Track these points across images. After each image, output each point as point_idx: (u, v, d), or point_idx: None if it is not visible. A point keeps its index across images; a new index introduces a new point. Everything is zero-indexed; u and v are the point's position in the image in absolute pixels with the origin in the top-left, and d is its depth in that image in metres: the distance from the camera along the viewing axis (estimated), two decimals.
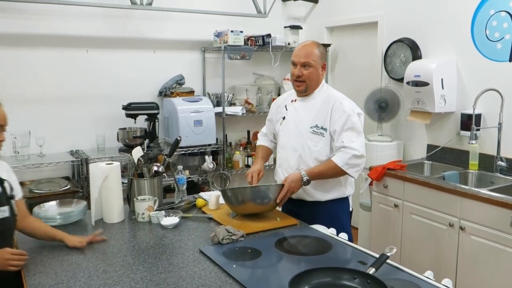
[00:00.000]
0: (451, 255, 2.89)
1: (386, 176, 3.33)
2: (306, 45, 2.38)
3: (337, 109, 2.30)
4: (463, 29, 3.35)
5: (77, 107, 3.88)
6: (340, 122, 2.28)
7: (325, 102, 2.35)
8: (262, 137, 2.73)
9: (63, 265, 1.74)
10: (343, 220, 2.40)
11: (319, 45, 2.39)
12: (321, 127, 2.32)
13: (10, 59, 3.62)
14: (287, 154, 2.42)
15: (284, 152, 2.44)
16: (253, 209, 2.23)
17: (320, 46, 2.39)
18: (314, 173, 2.28)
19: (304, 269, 1.55)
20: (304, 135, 2.35)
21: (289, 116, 2.44)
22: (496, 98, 3.10)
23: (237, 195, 2.23)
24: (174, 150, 2.60)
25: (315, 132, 2.33)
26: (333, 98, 2.34)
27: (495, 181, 3.09)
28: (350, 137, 2.26)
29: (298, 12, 4.88)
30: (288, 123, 2.44)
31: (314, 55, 2.32)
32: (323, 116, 2.32)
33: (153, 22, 4.14)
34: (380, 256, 1.64)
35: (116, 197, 2.23)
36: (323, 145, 2.32)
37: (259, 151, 2.66)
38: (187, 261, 1.78)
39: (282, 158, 2.46)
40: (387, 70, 3.95)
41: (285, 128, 2.45)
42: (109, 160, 3.15)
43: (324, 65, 2.39)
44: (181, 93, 4.15)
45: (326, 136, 2.32)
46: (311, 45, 2.36)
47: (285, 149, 2.44)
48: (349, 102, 2.35)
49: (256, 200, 2.20)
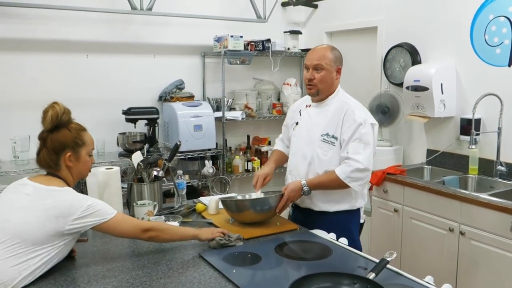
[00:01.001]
0: (451, 260, 2.88)
1: (386, 180, 3.33)
2: (319, 48, 2.33)
3: (349, 118, 2.23)
4: (462, 34, 3.36)
5: (77, 112, 3.76)
6: (349, 131, 2.21)
7: (338, 110, 2.28)
8: (279, 142, 2.69)
9: (62, 270, 1.73)
10: (352, 232, 2.33)
11: (333, 48, 2.34)
12: (332, 136, 2.26)
13: (10, 64, 3.62)
14: (297, 162, 2.38)
15: (295, 159, 2.41)
16: (252, 218, 2.22)
17: (335, 50, 2.33)
18: (315, 183, 2.24)
19: (304, 274, 1.55)
20: (315, 143, 2.30)
21: (302, 121, 2.40)
22: (495, 103, 3.11)
23: (237, 204, 2.26)
24: (174, 155, 2.60)
25: (325, 141, 2.27)
26: (346, 106, 2.27)
27: (495, 185, 3.09)
28: (356, 148, 2.19)
29: (297, 17, 4.90)
30: (301, 129, 2.39)
31: (327, 58, 2.27)
32: (335, 124, 2.26)
33: (153, 27, 4.15)
34: (380, 261, 1.64)
35: (116, 202, 2.23)
36: (333, 154, 2.26)
37: (274, 155, 2.63)
38: (186, 266, 1.77)
39: (292, 165, 2.43)
40: (387, 75, 3.96)
41: (297, 134, 2.41)
42: (109, 164, 3.16)
43: (339, 69, 2.33)
44: (181, 98, 4.15)
45: (337, 145, 2.25)
46: (324, 48, 2.32)
47: (295, 156, 2.41)
48: (363, 111, 2.28)
49: (256, 209, 2.20)
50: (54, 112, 1.73)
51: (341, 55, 2.37)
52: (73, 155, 1.76)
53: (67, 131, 1.76)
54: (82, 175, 1.86)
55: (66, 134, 1.75)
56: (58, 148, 1.74)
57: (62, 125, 1.76)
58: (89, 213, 1.67)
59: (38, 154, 1.78)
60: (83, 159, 1.80)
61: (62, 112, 1.75)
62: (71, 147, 1.76)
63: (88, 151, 1.83)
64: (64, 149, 1.75)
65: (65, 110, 1.77)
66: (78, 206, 1.66)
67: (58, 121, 1.74)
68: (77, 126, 1.82)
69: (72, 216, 1.64)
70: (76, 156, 1.78)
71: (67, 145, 1.75)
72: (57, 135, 1.74)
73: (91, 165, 1.87)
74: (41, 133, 1.78)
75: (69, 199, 1.67)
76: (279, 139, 2.70)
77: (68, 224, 1.63)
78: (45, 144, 1.75)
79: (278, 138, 2.72)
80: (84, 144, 1.80)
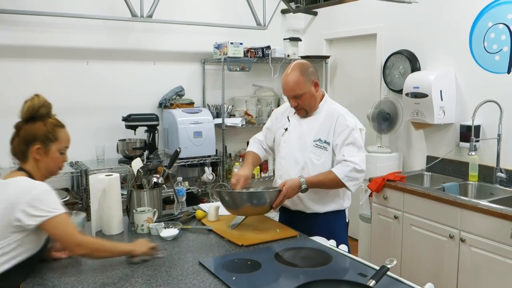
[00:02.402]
0: (451, 267, 2.87)
1: (385, 187, 3.33)
2: (288, 77, 2.30)
3: (341, 123, 2.30)
4: (462, 41, 3.38)
5: (77, 119, 3.88)
6: (342, 136, 2.28)
7: (328, 116, 2.34)
8: (254, 144, 2.64)
9: (61, 277, 1.73)
10: (341, 231, 2.39)
11: (301, 67, 2.31)
12: (324, 141, 2.32)
13: (11, 71, 3.63)
14: (289, 166, 2.40)
15: (286, 163, 2.42)
16: (248, 212, 2.25)
17: (303, 68, 2.30)
18: (314, 182, 2.27)
19: (304, 282, 1.54)
20: (307, 148, 2.34)
21: (292, 128, 2.43)
22: (495, 110, 3.11)
23: (234, 198, 2.25)
24: (174, 162, 2.60)
25: (318, 146, 2.33)
26: (337, 112, 2.33)
27: (495, 192, 3.09)
28: (351, 152, 2.26)
29: (297, 24, 4.92)
30: (291, 135, 2.42)
31: (300, 83, 2.27)
32: (327, 130, 2.32)
33: (153, 34, 4.17)
34: (380, 268, 1.64)
35: (116, 209, 2.22)
36: (326, 159, 2.32)
37: (249, 157, 2.59)
38: (186, 273, 1.77)
39: (282, 169, 2.44)
40: (386, 81, 3.97)
41: (287, 140, 2.43)
42: (109, 171, 3.15)
43: (315, 82, 2.32)
44: (181, 105, 4.16)
45: (329, 150, 2.32)
46: (292, 75, 2.29)
47: (286, 160, 2.42)
48: (352, 117, 2.35)
49: (253, 203, 2.22)
50: (32, 103, 1.74)
51: (312, 66, 2.36)
52: (42, 149, 1.75)
53: (41, 124, 1.75)
54: (50, 171, 1.82)
55: (40, 127, 1.75)
56: (28, 139, 1.74)
57: (38, 117, 1.75)
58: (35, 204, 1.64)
59: (12, 143, 1.78)
60: (52, 155, 1.78)
61: (40, 104, 1.75)
62: (41, 140, 1.75)
63: (60, 148, 1.80)
64: (34, 141, 1.74)
65: (44, 103, 1.77)
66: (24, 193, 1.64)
67: (34, 112, 1.74)
68: (55, 121, 1.80)
69: (18, 205, 1.62)
70: (45, 150, 1.76)
71: (38, 137, 1.74)
72: (31, 126, 1.75)
73: (62, 162, 1.84)
74: (17, 122, 1.78)
75: (19, 186, 1.67)
76: (255, 140, 2.65)
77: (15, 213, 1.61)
78: (18, 133, 1.76)
79: (254, 139, 2.66)
80: (56, 140, 1.78)
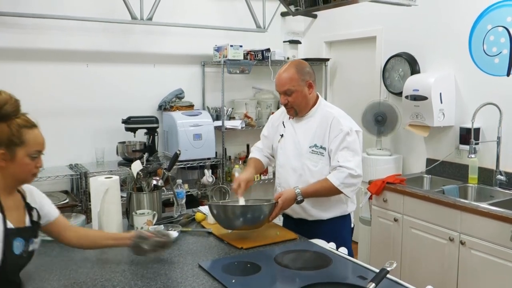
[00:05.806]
0: (451, 269, 2.87)
1: (385, 190, 3.32)
2: (283, 72, 2.28)
3: (335, 128, 2.24)
4: (461, 43, 3.38)
5: (77, 121, 3.89)
6: (337, 141, 2.23)
7: (323, 120, 2.29)
8: (256, 151, 2.62)
9: (60, 279, 1.72)
10: (345, 237, 2.34)
11: (298, 65, 2.29)
12: (320, 146, 2.27)
13: (10, 73, 3.63)
14: (287, 174, 2.37)
15: (284, 171, 2.39)
16: (243, 227, 2.14)
17: (299, 66, 2.28)
18: (309, 192, 2.23)
19: (304, 284, 1.54)
20: (304, 155, 2.30)
21: (287, 134, 2.39)
22: (494, 112, 3.11)
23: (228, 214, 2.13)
24: (174, 164, 2.60)
25: (314, 152, 2.28)
26: (331, 116, 2.28)
27: (495, 195, 3.09)
28: (345, 157, 2.21)
29: (297, 27, 4.92)
30: (287, 142, 2.38)
31: (293, 80, 2.25)
32: (322, 135, 2.28)
33: (153, 37, 4.17)
34: (380, 270, 1.63)
35: (115, 211, 2.22)
36: (323, 164, 2.27)
37: (252, 162, 2.55)
38: (185, 275, 1.76)
39: (281, 178, 2.41)
40: (386, 84, 3.97)
41: (283, 147, 2.40)
42: (108, 174, 3.14)
43: (309, 83, 2.29)
44: (180, 107, 4.16)
45: (326, 155, 2.27)
46: (287, 70, 2.27)
47: (284, 168, 2.39)
48: (347, 120, 2.29)
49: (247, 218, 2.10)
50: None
51: (310, 67, 2.33)
52: (7, 154, 1.51)
53: (5, 126, 1.50)
54: (19, 179, 1.58)
55: (3, 130, 1.50)
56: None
57: (2, 117, 1.50)
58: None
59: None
60: (19, 161, 1.53)
61: (3, 102, 1.50)
62: (4, 145, 1.50)
63: (29, 152, 1.54)
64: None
65: (8, 100, 1.52)
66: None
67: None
68: (22, 121, 1.54)
69: None
70: (10, 156, 1.52)
71: (1, 141, 1.50)
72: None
73: (36, 169, 1.59)
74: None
75: None
76: (256, 148, 2.63)
77: None
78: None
79: (256, 146, 2.64)
80: (22, 143, 1.52)
